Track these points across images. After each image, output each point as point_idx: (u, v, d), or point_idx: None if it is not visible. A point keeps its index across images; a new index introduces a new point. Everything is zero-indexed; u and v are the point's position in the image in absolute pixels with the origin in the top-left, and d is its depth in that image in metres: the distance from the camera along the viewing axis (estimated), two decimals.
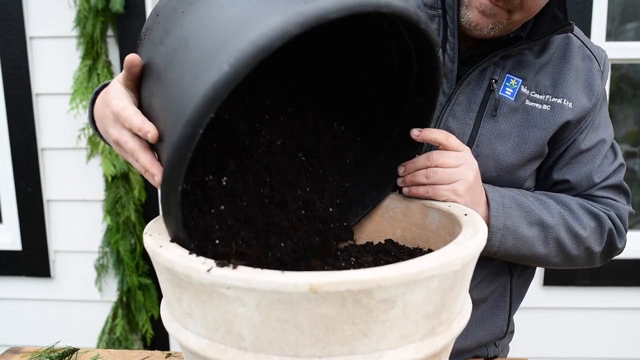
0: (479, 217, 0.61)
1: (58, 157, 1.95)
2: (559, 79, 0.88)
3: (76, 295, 2.04)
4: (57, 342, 0.93)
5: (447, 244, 0.52)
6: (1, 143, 1.98)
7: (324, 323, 0.44)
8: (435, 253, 0.48)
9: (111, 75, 1.82)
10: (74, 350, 0.91)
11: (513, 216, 0.82)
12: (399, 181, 0.77)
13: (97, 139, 1.80)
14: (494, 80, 0.86)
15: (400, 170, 0.76)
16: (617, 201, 0.93)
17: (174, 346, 2.02)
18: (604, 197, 0.92)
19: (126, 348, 1.89)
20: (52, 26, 1.86)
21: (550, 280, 1.91)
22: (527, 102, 0.88)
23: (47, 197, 1.98)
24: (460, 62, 0.87)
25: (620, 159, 0.95)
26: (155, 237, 0.54)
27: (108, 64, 1.82)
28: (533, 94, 0.88)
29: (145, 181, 1.90)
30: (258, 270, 0.45)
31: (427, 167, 0.74)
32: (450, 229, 0.66)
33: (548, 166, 0.94)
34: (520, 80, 0.87)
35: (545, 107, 0.87)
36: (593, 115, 0.91)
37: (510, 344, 1.08)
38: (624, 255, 1.88)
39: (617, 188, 0.93)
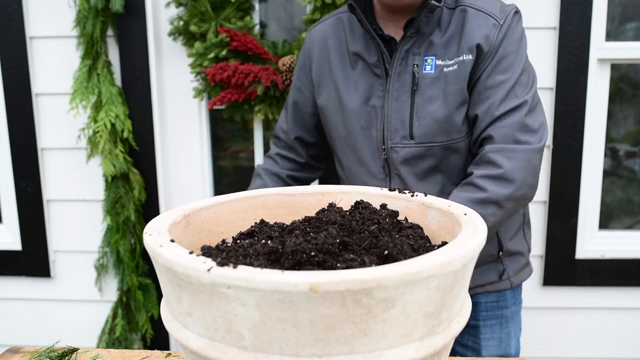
0: (478, 216, 0.61)
1: (58, 157, 1.95)
2: (460, 43, 1.11)
3: (76, 295, 2.04)
4: (57, 342, 0.93)
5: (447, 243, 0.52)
6: (1, 143, 1.98)
7: (324, 322, 0.44)
8: (434, 252, 0.48)
9: (111, 75, 1.82)
10: (74, 350, 0.91)
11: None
12: None
13: (97, 138, 1.80)
14: (415, 65, 1.12)
15: None
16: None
17: (174, 346, 2.02)
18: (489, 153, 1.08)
19: (126, 348, 1.89)
20: (52, 26, 1.86)
21: (550, 280, 1.91)
22: (444, 69, 1.11)
23: (47, 197, 1.98)
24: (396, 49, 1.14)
25: (525, 97, 1.08)
26: (155, 237, 0.54)
27: (108, 64, 1.82)
28: (446, 61, 1.11)
29: (145, 181, 1.90)
30: (258, 269, 0.45)
31: None
32: (450, 228, 0.66)
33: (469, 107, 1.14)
34: (434, 57, 1.12)
35: (454, 67, 1.10)
36: (491, 59, 1.09)
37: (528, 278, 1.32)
38: (624, 255, 1.88)
39: (522, 128, 1.07)
